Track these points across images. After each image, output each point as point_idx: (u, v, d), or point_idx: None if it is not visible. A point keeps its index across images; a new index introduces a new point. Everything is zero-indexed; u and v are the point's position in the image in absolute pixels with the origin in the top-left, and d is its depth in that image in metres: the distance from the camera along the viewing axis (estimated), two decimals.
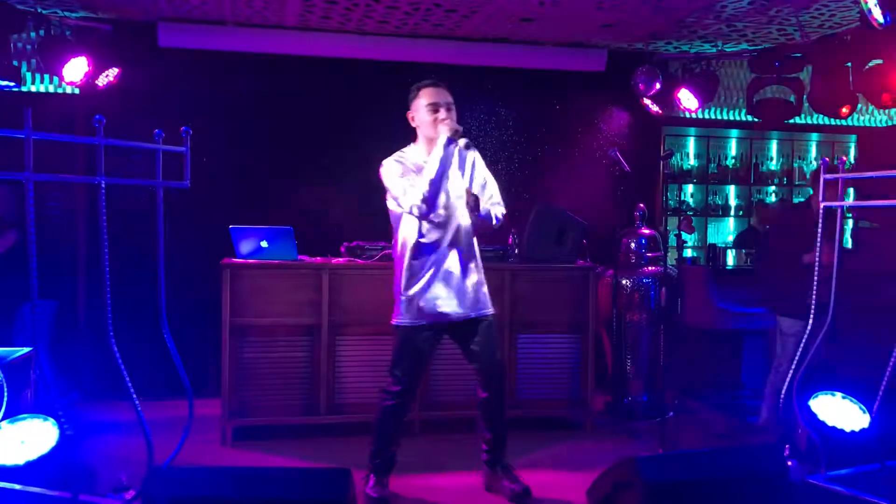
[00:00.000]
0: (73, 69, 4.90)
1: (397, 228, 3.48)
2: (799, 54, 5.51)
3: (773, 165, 7.21)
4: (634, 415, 5.02)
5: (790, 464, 2.87)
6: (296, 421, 4.41)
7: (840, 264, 3.11)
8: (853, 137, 7.23)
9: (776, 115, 5.88)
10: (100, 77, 5.09)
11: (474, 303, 3.45)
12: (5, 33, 4.83)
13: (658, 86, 5.81)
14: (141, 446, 2.63)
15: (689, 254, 6.74)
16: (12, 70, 4.88)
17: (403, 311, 3.42)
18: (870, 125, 7.12)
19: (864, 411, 3.05)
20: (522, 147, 6.00)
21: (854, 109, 5.35)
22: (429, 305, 3.38)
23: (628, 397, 5.12)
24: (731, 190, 7.14)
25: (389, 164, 3.42)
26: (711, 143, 7.04)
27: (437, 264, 3.39)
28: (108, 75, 5.13)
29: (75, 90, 5.20)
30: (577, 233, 4.74)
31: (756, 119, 6.14)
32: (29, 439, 2.56)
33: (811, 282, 3.10)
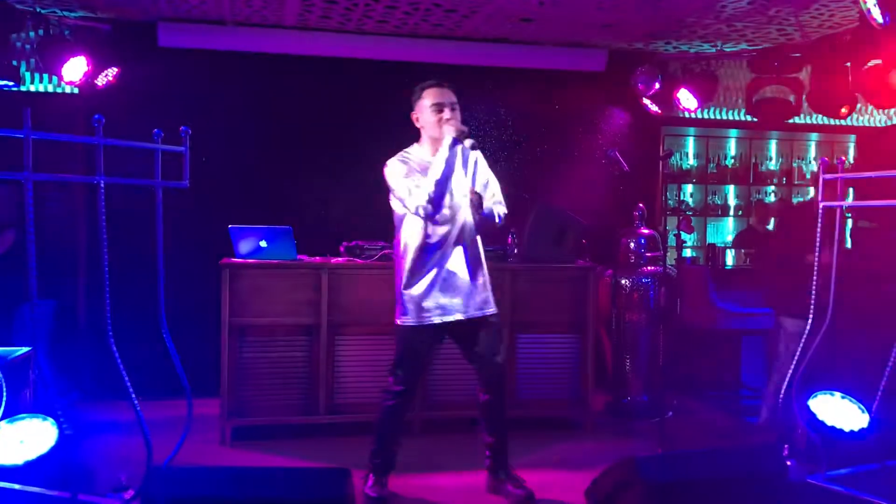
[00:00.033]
0: (72, 69, 4.90)
1: (400, 228, 3.45)
2: (798, 54, 5.51)
3: (772, 165, 7.21)
4: (634, 415, 5.03)
5: (789, 464, 2.87)
6: (295, 421, 4.41)
7: (839, 264, 3.11)
8: (852, 137, 7.23)
9: (775, 115, 5.88)
10: (99, 77, 5.09)
11: (478, 303, 3.43)
12: (4, 33, 4.83)
13: (657, 86, 5.81)
14: (140, 446, 2.63)
15: (688, 253, 6.74)
16: (11, 70, 4.88)
17: (406, 311, 3.39)
18: (869, 125, 7.12)
19: (863, 411, 3.06)
20: (522, 147, 5.99)
21: (853, 109, 5.36)
22: (432, 305, 3.36)
23: (628, 397, 5.12)
24: (731, 190, 7.14)
25: (394, 165, 3.40)
26: (711, 142, 7.05)
27: (441, 264, 3.37)
28: (107, 75, 5.13)
29: (74, 90, 5.20)
30: (576, 233, 4.74)
31: (755, 119, 6.15)
32: (28, 439, 2.56)
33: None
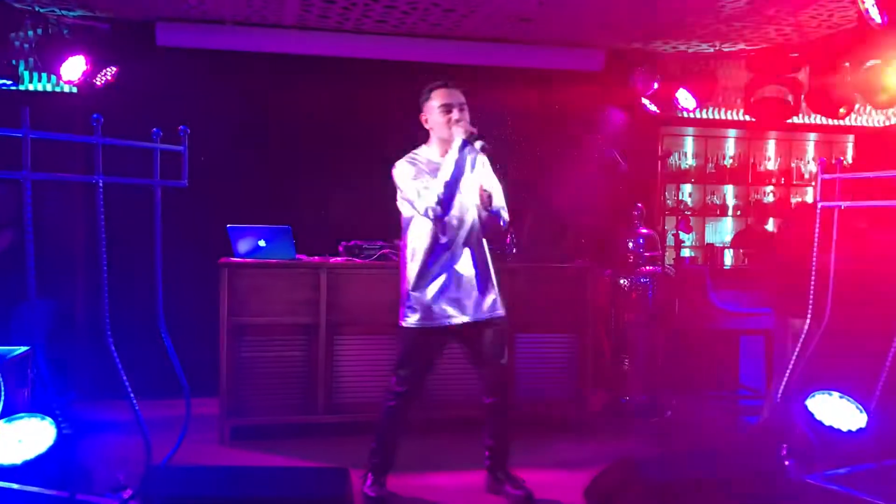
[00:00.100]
0: (71, 68, 4.89)
1: (407, 230, 3.40)
2: (797, 54, 5.52)
3: (770, 165, 7.21)
4: (632, 414, 5.02)
5: (787, 463, 2.88)
6: (294, 420, 4.41)
7: (838, 264, 3.11)
8: (851, 137, 7.23)
9: (774, 115, 5.88)
10: (98, 76, 5.08)
11: (487, 305, 3.40)
12: (3, 32, 4.83)
13: (656, 85, 5.81)
14: (139, 445, 2.63)
15: (686, 253, 6.74)
16: (10, 69, 4.88)
17: (413, 312, 3.34)
18: (867, 125, 7.13)
19: (861, 411, 3.06)
20: (520, 146, 5.99)
21: (852, 110, 5.36)
22: (441, 308, 3.32)
23: (626, 397, 5.12)
24: (729, 190, 7.15)
25: (402, 166, 3.35)
26: (709, 142, 7.05)
27: (450, 266, 3.34)
28: (105, 74, 5.12)
29: (73, 89, 5.19)
30: (574, 232, 4.74)
31: (754, 119, 6.15)
32: (26, 438, 2.56)
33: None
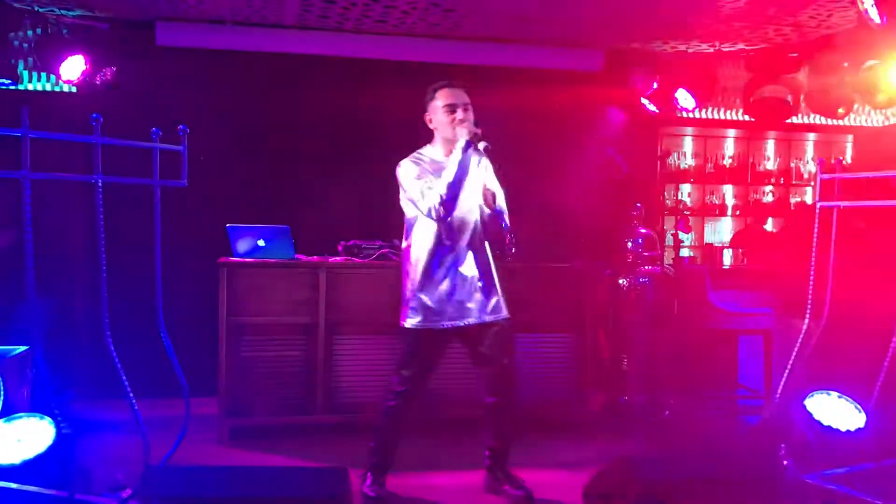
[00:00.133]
0: (70, 68, 4.89)
1: (411, 229, 3.40)
2: (796, 54, 5.52)
3: (770, 165, 7.22)
4: (631, 414, 5.02)
5: (786, 463, 2.88)
6: (293, 420, 4.40)
7: (837, 264, 3.12)
8: (850, 137, 7.24)
9: (773, 115, 5.88)
10: (97, 76, 5.08)
11: (492, 307, 3.40)
12: (2, 31, 4.83)
13: (655, 85, 5.81)
14: (138, 445, 2.63)
15: (686, 253, 6.74)
16: (9, 68, 4.88)
17: (416, 313, 3.33)
18: (866, 125, 7.13)
19: (859, 410, 3.07)
20: (519, 146, 5.98)
21: (851, 109, 5.36)
22: (446, 309, 3.32)
23: (625, 397, 5.12)
24: (729, 189, 7.15)
25: (406, 165, 3.36)
26: (709, 142, 7.04)
27: (455, 267, 3.34)
28: (105, 74, 5.12)
29: (72, 89, 5.19)
30: (574, 232, 4.74)
31: (753, 119, 6.15)
32: (25, 438, 2.56)
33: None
